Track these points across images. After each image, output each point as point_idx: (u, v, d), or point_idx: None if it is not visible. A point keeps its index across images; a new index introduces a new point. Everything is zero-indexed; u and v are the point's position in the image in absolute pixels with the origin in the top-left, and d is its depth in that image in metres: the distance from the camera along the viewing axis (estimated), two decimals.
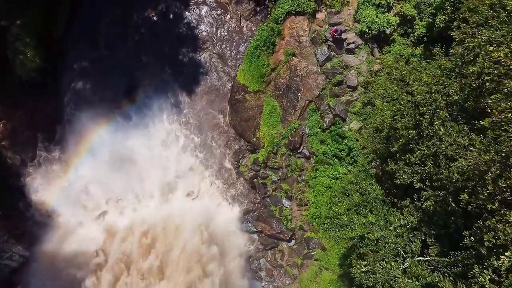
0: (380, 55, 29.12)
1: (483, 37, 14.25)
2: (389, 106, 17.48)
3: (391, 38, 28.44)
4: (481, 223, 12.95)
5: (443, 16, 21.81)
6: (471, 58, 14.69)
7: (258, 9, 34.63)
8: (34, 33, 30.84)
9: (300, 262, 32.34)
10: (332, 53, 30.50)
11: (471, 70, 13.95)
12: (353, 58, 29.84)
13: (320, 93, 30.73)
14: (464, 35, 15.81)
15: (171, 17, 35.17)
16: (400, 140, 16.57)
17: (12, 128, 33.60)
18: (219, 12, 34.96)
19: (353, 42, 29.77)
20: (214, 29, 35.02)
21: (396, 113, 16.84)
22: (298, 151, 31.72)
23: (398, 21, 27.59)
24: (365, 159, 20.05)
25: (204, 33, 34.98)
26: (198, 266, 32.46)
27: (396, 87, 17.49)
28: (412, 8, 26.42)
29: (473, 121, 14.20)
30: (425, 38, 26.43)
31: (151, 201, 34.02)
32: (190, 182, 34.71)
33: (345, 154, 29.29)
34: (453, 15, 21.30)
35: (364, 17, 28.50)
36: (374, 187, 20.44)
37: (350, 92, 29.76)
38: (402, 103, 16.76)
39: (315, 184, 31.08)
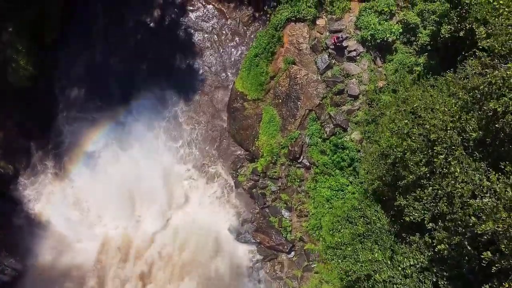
0: (382, 63, 28.35)
1: (509, 72, 13.04)
2: (398, 141, 16.28)
3: (393, 46, 27.64)
4: (507, 285, 11.87)
5: (449, 26, 21.03)
6: (493, 92, 13.49)
7: (257, 15, 33.85)
8: (27, 40, 30.01)
9: (300, 274, 31.56)
10: (333, 61, 29.72)
11: (493, 107, 12.91)
12: (355, 66, 29.05)
13: (321, 102, 29.95)
14: (484, 66, 14.66)
15: (167, 23, 34.39)
16: (410, 176, 15.56)
17: (4, 137, 32.77)
18: (217, 17, 34.17)
19: (354, 50, 28.97)
20: (212, 35, 34.24)
21: (407, 150, 15.75)
22: (298, 161, 30.94)
23: (401, 30, 26.82)
24: (370, 185, 19.07)
25: (201, 39, 34.20)
26: (195, 277, 31.82)
27: (406, 120, 16.39)
28: (416, 16, 25.65)
29: (493, 160, 13.12)
30: (428, 46, 25.66)
31: (147, 214, 33.16)
32: (187, 192, 33.93)
33: (346, 164, 28.53)
34: (459, 25, 20.53)
35: (366, 24, 27.71)
36: (379, 215, 19.48)
37: (351, 101, 28.98)
38: (414, 138, 15.76)
39: (315, 195, 30.30)
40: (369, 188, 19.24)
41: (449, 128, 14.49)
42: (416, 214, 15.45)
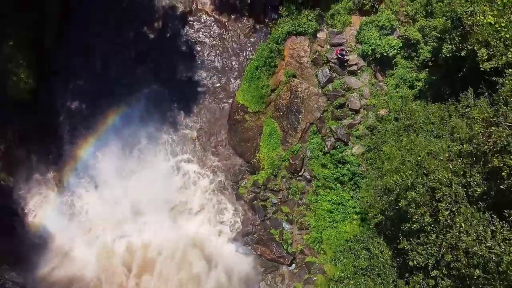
0: (383, 78, 28.36)
1: None
2: (403, 192, 16.08)
3: (394, 61, 27.65)
4: None
5: (450, 46, 21.02)
6: (497, 149, 13.31)
7: (257, 26, 33.81)
8: (27, 53, 29.98)
9: (301, 287, 31.54)
10: (334, 75, 29.73)
11: (497, 165, 12.82)
12: (355, 80, 29.07)
13: (322, 115, 29.95)
14: (488, 123, 14.45)
15: (167, 34, 34.33)
16: (414, 225, 15.45)
17: (5, 149, 32.69)
18: (217, 29, 34.12)
19: (355, 64, 29.00)
20: (212, 46, 34.18)
21: (411, 202, 15.66)
22: (299, 174, 30.96)
23: (401, 44, 26.82)
24: (373, 218, 18.92)
25: (201, 51, 34.13)
26: None
27: (410, 171, 16.24)
28: (417, 32, 25.63)
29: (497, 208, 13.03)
30: (430, 62, 25.64)
31: (148, 224, 33.11)
32: (187, 203, 33.84)
33: (347, 179, 28.54)
34: (460, 45, 20.53)
35: (367, 39, 27.73)
36: (382, 248, 19.43)
37: (353, 115, 28.98)
38: (418, 190, 15.67)
39: (316, 208, 30.33)
40: (372, 221, 19.10)
41: (453, 184, 14.41)
42: (420, 259, 15.40)
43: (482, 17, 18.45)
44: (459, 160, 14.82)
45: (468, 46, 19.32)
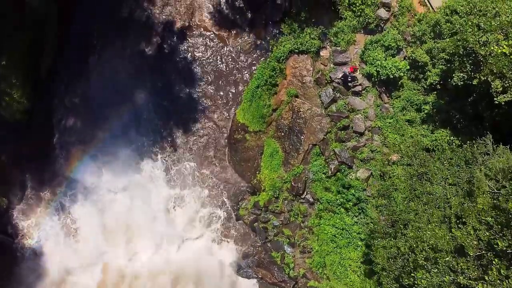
0: (389, 99, 27.37)
1: None
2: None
3: (400, 82, 26.64)
4: None
5: (461, 74, 19.98)
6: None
7: (258, 42, 32.79)
8: (21, 72, 29.01)
9: None
10: (338, 95, 28.75)
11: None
12: (360, 101, 28.07)
13: (325, 136, 28.96)
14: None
15: (166, 51, 33.32)
16: None
17: None
18: (217, 45, 33.09)
19: (359, 84, 28.02)
20: (212, 63, 33.15)
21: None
22: (301, 196, 29.96)
23: (408, 66, 25.81)
24: (384, 277, 17.85)
25: (201, 67, 33.11)
26: None
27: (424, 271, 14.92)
28: (424, 54, 24.63)
29: None
30: (438, 86, 24.63)
31: (143, 247, 32.16)
32: (185, 225, 32.89)
33: (351, 204, 27.52)
34: (472, 74, 19.50)
35: (372, 59, 26.72)
36: None
37: (357, 138, 27.99)
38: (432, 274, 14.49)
39: (319, 232, 29.33)
40: (384, 282, 17.98)
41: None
42: None
43: (496, 47, 17.42)
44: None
45: (481, 76, 18.28)
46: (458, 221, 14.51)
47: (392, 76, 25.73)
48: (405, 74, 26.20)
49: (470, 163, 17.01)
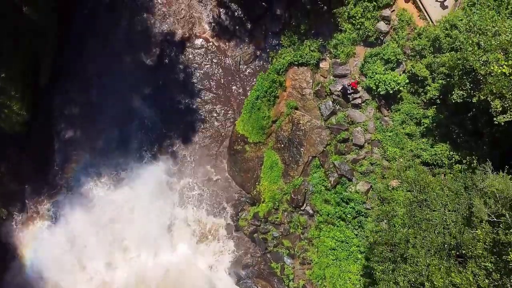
0: (388, 112, 27.35)
1: None
2: None
3: (400, 95, 26.63)
4: None
5: (461, 92, 20.00)
6: None
7: (258, 53, 32.74)
8: (20, 85, 28.94)
9: None
10: (337, 107, 28.75)
11: None
12: (360, 113, 28.06)
13: (324, 149, 28.96)
14: None
15: (166, 60, 33.24)
16: None
17: None
18: (217, 57, 33.02)
19: (359, 97, 28.01)
20: (211, 73, 33.09)
21: None
22: (301, 208, 29.94)
23: (407, 80, 25.80)
24: None
25: (200, 78, 33.04)
26: None
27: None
28: (424, 68, 24.63)
29: None
30: (438, 100, 24.62)
31: (144, 258, 32.12)
32: (184, 235, 32.86)
33: (351, 217, 27.52)
34: (472, 92, 19.51)
35: (371, 73, 26.71)
36: None
37: (357, 150, 27.98)
38: None
39: (319, 244, 29.33)
40: None
41: None
42: None
43: (497, 67, 17.42)
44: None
45: (481, 95, 18.27)
46: (457, 253, 14.44)
47: (391, 92, 25.70)
48: (404, 88, 26.18)
49: (470, 189, 17.01)
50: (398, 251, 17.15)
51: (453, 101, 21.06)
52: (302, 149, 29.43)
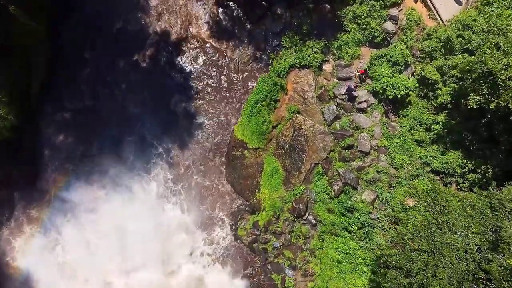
0: (395, 117, 25.89)
1: None
2: None
3: (408, 99, 25.15)
4: None
5: (477, 97, 18.53)
6: None
7: (258, 54, 31.26)
8: (8, 90, 27.49)
9: None
10: (342, 111, 27.32)
11: None
12: (365, 118, 26.60)
13: (328, 155, 27.49)
14: None
15: (161, 63, 31.82)
16: None
17: None
18: (215, 58, 31.58)
19: (365, 101, 26.56)
20: (209, 76, 31.63)
21: None
22: (303, 217, 28.49)
23: (417, 84, 24.33)
24: None
25: (197, 81, 31.62)
26: None
27: None
28: (435, 71, 23.16)
29: None
30: (449, 104, 23.14)
31: (141, 269, 30.72)
32: (182, 245, 31.47)
33: (356, 228, 26.05)
34: (490, 98, 18.04)
35: (378, 75, 25.23)
36: None
37: (362, 157, 26.52)
38: None
39: (322, 256, 27.88)
40: None
41: None
42: None
43: None
44: None
45: (501, 102, 16.80)
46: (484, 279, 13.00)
47: (399, 96, 24.23)
48: (413, 91, 24.71)
49: (496, 210, 15.52)
50: (416, 282, 15.67)
51: (468, 107, 19.59)
52: (304, 155, 27.95)
